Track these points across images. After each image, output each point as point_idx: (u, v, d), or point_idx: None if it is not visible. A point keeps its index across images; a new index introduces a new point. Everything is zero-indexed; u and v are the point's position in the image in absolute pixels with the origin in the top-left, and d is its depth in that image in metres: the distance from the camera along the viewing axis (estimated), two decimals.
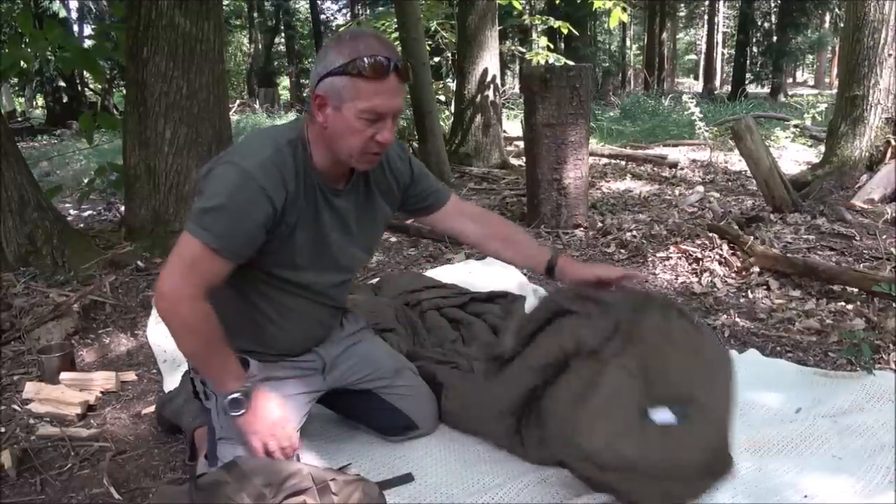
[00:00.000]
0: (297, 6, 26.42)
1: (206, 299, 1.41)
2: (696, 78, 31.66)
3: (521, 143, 5.83)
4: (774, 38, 20.02)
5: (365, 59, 1.34)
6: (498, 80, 6.73)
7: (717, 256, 3.35)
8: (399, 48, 7.29)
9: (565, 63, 5.96)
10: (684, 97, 8.90)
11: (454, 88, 7.49)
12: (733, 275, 3.19)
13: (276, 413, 1.48)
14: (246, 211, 1.37)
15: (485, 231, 1.78)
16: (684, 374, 1.42)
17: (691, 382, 1.42)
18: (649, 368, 1.41)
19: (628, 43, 28.11)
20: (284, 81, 26.63)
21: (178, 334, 1.44)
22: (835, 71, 20.40)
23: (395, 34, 7.69)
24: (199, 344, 1.44)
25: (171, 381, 2.19)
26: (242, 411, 1.45)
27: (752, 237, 3.43)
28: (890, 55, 4.65)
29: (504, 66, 13.76)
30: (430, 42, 8.47)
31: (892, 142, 4.66)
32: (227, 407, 1.45)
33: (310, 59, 24.99)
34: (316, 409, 1.84)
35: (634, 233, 3.88)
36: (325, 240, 1.55)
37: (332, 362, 1.74)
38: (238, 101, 16.57)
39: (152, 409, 2.05)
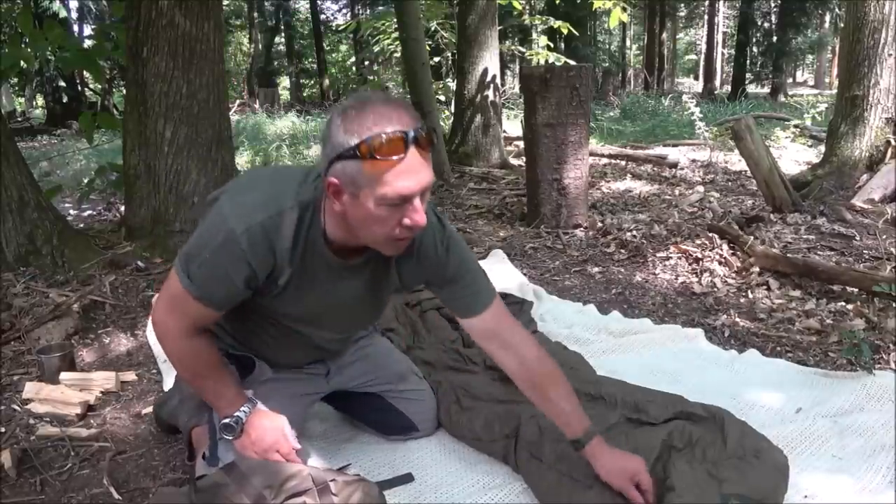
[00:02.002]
0: (297, 6, 26.40)
1: (196, 334, 1.41)
2: (696, 78, 31.65)
3: (521, 143, 5.82)
4: (774, 38, 20.00)
5: (377, 138, 1.14)
6: (498, 80, 6.73)
7: (717, 256, 3.35)
8: (399, 48, 7.31)
9: (565, 63, 5.96)
10: (684, 97, 8.92)
11: (454, 88, 7.48)
12: (733, 275, 3.19)
13: (270, 437, 1.47)
14: (226, 271, 1.30)
15: (519, 368, 1.48)
16: None
17: None
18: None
19: (628, 43, 28.11)
20: (284, 81, 26.63)
21: (170, 360, 1.47)
22: (835, 71, 20.39)
23: (395, 34, 7.70)
24: (189, 373, 1.47)
25: (171, 381, 2.19)
26: (234, 437, 1.46)
27: (752, 237, 3.44)
28: (890, 55, 4.64)
29: (504, 66, 13.76)
30: (430, 42, 8.47)
31: (892, 142, 4.66)
32: (221, 431, 1.47)
33: (310, 59, 25.02)
34: (316, 408, 1.84)
35: (634, 233, 3.88)
36: (325, 311, 1.48)
37: (338, 368, 1.74)
38: (238, 101, 16.56)
39: (152, 409, 2.05)
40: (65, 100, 15.27)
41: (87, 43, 8.36)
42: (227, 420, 1.46)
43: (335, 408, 1.89)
